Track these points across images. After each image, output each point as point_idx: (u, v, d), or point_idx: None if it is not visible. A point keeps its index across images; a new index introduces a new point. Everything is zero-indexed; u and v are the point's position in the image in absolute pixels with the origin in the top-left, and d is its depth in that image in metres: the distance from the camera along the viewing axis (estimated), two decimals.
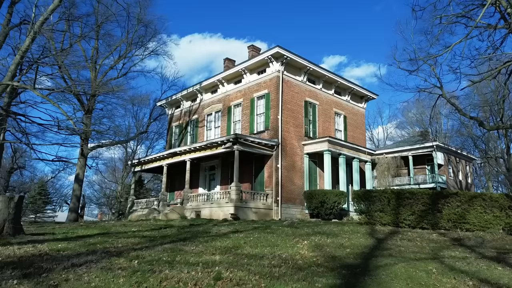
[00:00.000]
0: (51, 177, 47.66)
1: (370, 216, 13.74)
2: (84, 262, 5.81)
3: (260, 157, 22.69)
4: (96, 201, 54.97)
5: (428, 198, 12.52)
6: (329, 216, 20.72)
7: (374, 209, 13.64)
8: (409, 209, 12.85)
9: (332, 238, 9.47)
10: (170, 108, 32.88)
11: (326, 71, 25.59)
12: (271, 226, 12.74)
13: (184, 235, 9.71)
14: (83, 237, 9.36)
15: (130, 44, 33.32)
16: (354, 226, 13.25)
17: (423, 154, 35.20)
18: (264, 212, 20.75)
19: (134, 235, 9.90)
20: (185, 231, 10.82)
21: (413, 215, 12.78)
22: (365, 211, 14.00)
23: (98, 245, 7.52)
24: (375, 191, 13.93)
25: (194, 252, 6.94)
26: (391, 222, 13.20)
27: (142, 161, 28.16)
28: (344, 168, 23.40)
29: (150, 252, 6.88)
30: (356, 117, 28.95)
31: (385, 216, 13.35)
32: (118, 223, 16.77)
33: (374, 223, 13.59)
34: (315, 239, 9.18)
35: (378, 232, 11.35)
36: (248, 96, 24.84)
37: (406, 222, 12.93)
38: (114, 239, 8.71)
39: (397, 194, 13.18)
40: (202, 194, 22.49)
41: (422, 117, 54.90)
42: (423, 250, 8.14)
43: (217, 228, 11.71)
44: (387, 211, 13.28)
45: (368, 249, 8.16)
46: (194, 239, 8.94)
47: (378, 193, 13.56)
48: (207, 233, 10.27)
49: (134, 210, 27.77)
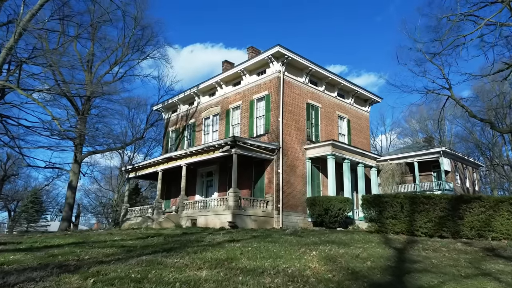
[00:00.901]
0: (45, 185, 46.30)
1: (381, 224, 12.44)
2: (23, 280, 4.53)
3: (260, 162, 21.43)
4: (92, 210, 53.45)
5: (447, 203, 11.25)
6: (333, 224, 19.38)
7: (385, 216, 12.34)
8: (425, 215, 11.56)
9: (344, 248, 8.18)
10: (167, 112, 31.72)
11: (329, 72, 24.48)
12: (272, 235, 11.45)
13: (171, 245, 8.43)
14: (50, 247, 8.09)
15: (127, 48, 32.35)
16: (364, 234, 11.95)
17: (429, 160, 33.92)
18: (264, 220, 19.42)
19: (113, 245, 8.62)
20: (174, 240, 9.54)
21: (430, 222, 11.49)
22: (376, 218, 12.71)
23: (59, 257, 6.26)
24: (386, 196, 12.65)
25: (175, 266, 5.65)
26: (405, 230, 11.90)
27: (136, 167, 26.88)
28: (348, 174, 22.11)
29: (119, 266, 5.61)
30: (360, 121, 27.76)
31: (398, 223, 12.05)
32: (106, 231, 15.47)
33: (386, 231, 12.28)
34: (325, 249, 7.89)
35: (394, 241, 10.05)
36: (247, 98, 23.67)
37: (422, 230, 11.63)
38: (85, 250, 7.44)
39: (411, 199, 11.89)
40: (198, 201, 21.17)
41: (426, 124, 53.82)
42: (459, 263, 6.86)
43: (211, 237, 10.42)
44: (400, 218, 11.98)
45: (392, 261, 6.86)
46: (181, 249, 7.66)
47: (390, 198, 12.28)
48: (198, 242, 8.99)
49: (127, 219, 26.41)
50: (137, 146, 48.84)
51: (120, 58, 32.95)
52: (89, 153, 33.48)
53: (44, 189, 48.79)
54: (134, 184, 46.26)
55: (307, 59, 22.89)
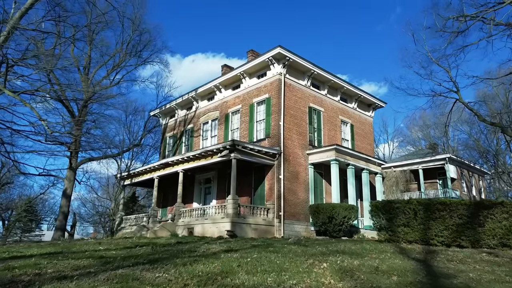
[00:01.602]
0: (40, 194, 45.22)
1: (392, 232, 11.44)
2: None
3: (260, 168, 20.47)
4: (88, 220, 52.25)
5: (465, 210, 10.27)
6: (338, 233, 18.34)
7: (396, 224, 11.34)
8: (442, 223, 10.57)
9: (358, 259, 7.20)
10: (164, 117, 30.85)
11: (332, 75, 23.64)
12: (274, 244, 10.45)
13: (158, 256, 7.46)
14: (17, 258, 7.12)
15: (125, 54, 31.65)
16: (373, 244, 10.94)
17: (434, 167, 32.97)
18: (264, 228, 18.37)
19: (91, 256, 7.65)
20: (163, 250, 8.55)
21: (446, 231, 10.49)
22: (386, 226, 11.70)
23: (15, 271, 5.32)
24: (398, 201, 11.67)
25: (154, 283, 4.70)
26: (418, 239, 10.89)
27: (132, 174, 25.90)
28: (353, 180, 21.12)
29: (83, 282, 4.67)
30: (363, 126, 26.85)
31: (411, 231, 11.06)
32: (95, 241, 14.45)
33: (397, 240, 11.27)
34: (336, 260, 6.91)
35: (410, 251, 9.06)
36: (247, 102, 22.81)
37: (438, 239, 10.63)
38: (55, 262, 6.48)
39: (425, 205, 10.91)
40: (195, 209, 20.15)
41: (428, 132, 52.94)
42: (501, 277, 5.85)
43: (207, 247, 9.43)
44: (414, 226, 10.99)
45: (422, 275, 5.85)
46: (169, 261, 6.69)
47: (402, 204, 11.30)
48: (191, 253, 8.00)
49: (122, 228, 25.35)
50: (135, 153, 47.87)
51: (117, 64, 32.25)
52: (84, 160, 32.54)
53: (40, 197, 47.69)
54: (131, 193, 45.19)
55: (309, 61, 22.09)
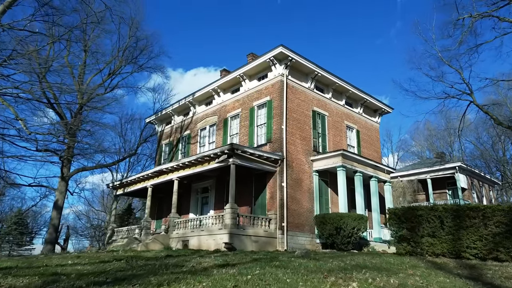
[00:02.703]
0: (32, 205, 43.53)
1: (414, 244, 9.90)
2: None
3: (261, 175, 18.97)
4: (82, 233, 50.35)
5: (503, 216, 8.78)
6: (346, 246, 16.73)
7: (420, 234, 9.81)
8: (475, 232, 9.06)
9: (392, 276, 5.69)
10: (161, 124, 29.46)
11: (337, 77, 22.33)
12: (279, 258, 8.91)
13: (131, 272, 5.98)
14: None
15: (121, 60, 30.45)
16: (397, 258, 9.39)
17: (444, 176, 31.42)
18: (266, 240, 16.77)
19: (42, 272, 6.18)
20: (142, 265, 7.06)
21: (480, 241, 8.98)
22: (407, 237, 10.14)
23: None
24: (421, 208, 10.16)
25: None
26: (447, 252, 9.36)
27: (124, 183, 24.36)
28: (361, 189, 19.60)
29: None
30: (370, 133, 25.43)
31: (438, 243, 9.52)
32: (75, 254, 12.87)
33: (421, 253, 9.73)
34: (365, 278, 5.40)
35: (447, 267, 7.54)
36: (247, 106, 21.44)
37: (471, 251, 9.09)
38: None
39: (454, 211, 9.41)
40: (190, 220, 18.55)
41: (433, 142, 51.54)
42: None
43: (198, 261, 7.92)
44: (441, 236, 9.47)
45: None
46: (141, 279, 5.20)
47: (425, 211, 9.80)
48: (176, 268, 6.50)
49: (113, 240, 23.70)
50: (131, 164, 46.42)
51: (113, 71, 31.03)
52: (77, 170, 30.98)
53: (33, 210, 45.97)
54: (126, 205, 43.58)
55: (313, 62, 20.81)
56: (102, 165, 32.42)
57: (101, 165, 32.22)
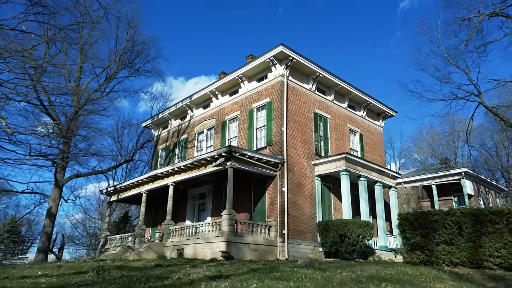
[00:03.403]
0: (26, 213, 42.43)
1: (429, 252, 8.96)
2: None
3: (260, 180, 18.05)
4: (78, 241, 49.18)
5: None
6: (351, 254, 15.74)
7: (435, 241, 8.87)
8: (498, 239, 8.14)
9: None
10: (157, 129, 28.61)
11: (339, 79, 21.53)
12: (280, 268, 7.97)
13: (100, 286, 5.04)
14: None
15: (118, 65, 29.72)
16: (410, 267, 8.44)
17: (449, 183, 30.44)
18: (265, 249, 15.78)
19: None
20: (117, 278, 6.13)
21: (505, 249, 8.04)
22: (421, 244, 9.20)
23: None
24: (435, 213, 9.24)
25: None
26: (466, 261, 8.42)
27: (118, 189, 23.41)
28: (365, 194, 18.65)
29: None
30: (373, 137, 24.56)
31: (456, 251, 8.59)
32: (52, 265, 11.87)
33: (437, 262, 8.79)
34: None
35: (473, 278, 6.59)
36: (246, 108, 20.60)
37: (494, 260, 8.16)
38: None
39: (473, 216, 8.50)
40: (186, 227, 17.58)
41: (436, 147, 50.65)
42: None
43: (187, 271, 6.99)
44: (459, 244, 8.54)
45: None
46: None
47: (441, 216, 8.89)
48: (158, 281, 5.59)
49: (106, 249, 22.67)
50: (128, 171, 45.47)
51: (110, 76, 30.27)
52: (71, 176, 30.03)
53: (26, 218, 44.85)
54: (123, 213, 42.55)
55: (314, 62, 20.03)
56: (97, 171, 31.51)
57: (96, 171, 31.31)
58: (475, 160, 47.38)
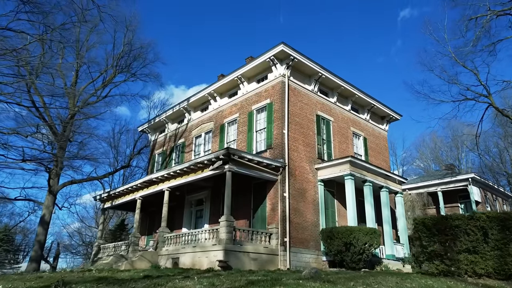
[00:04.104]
0: (20, 221, 41.33)
1: (450, 262, 8.01)
2: None
3: (260, 184, 17.12)
4: (73, 250, 47.97)
5: None
6: (357, 264, 14.74)
7: (456, 249, 7.92)
8: None
9: None
10: (154, 133, 27.72)
11: (342, 80, 20.71)
12: (282, 279, 7.04)
13: None
14: None
15: (115, 70, 28.96)
16: (431, 279, 7.51)
17: (455, 189, 29.48)
18: (266, 258, 14.77)
19: None
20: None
21: None
22: (440, 252, 8.25)
23: None
24: (457, 217, 8.30)
25: None
26: (492, 271, 7.48)
27: (112, 195, 22.43)
28: (371, 200, 17.69)
29: None
30: (377, 141, 23.66)
31: (481, 261, 7.66)
32: (31, 276, 10.88)
33: (459, 273, 7.84)
34: None
35: None
36: (245, 110, 19.75)
37: None
38: None
39: (501, 221, 7.58)
40: (181, 235, 16.58)
41: (440, 153, 49.75)
42: None
43: (175, 285, 6.04)
44: (484, 252, 7.61)
45: None
46: None
47: (463, 220, 7.97)
48: None
49: (99, 258, 21.61)
50: (126, 178, 44.46)
51: (107, 81, 29.49)
52: (66, 183, 29.02)
53: (20, 226, 43.70)
54: (119, 220, 41.48)
55: (317, 62, 19.23)
56: (92, 177, 30.50)
57: (91, 177, 30.30)
58: (479, 166, 46.46)
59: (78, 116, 25.98)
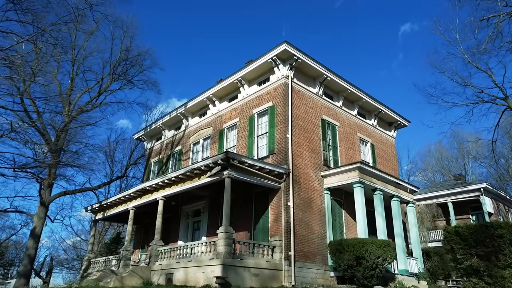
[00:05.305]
0: (11, 235, 39.74)
1: (491, 279, 6.65)
2: None
3: (263, 193, 15.79)
4: (66, 265, 46.20)
5: None
6: (370, 280, 13.33)
7: (501, 264, 6.58)
8: None
9: None
10: (150, 141, 26.48)
11: (349, 83, 19.57)
12: None
13: None
14: None
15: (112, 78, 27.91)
16: None
17: (466, 200, 28.10)
18: (268, 274, 13.35)
19: None
20: None
21: None
22: (479, 268, 6.91)
23: None
24: (500, 225, 6.96)
25: None
26: None
27: (104, 205, 21.06)
28: (382, 210, 16.34)
29: None
30: (385, 148, 22.40)
31: None
32: None
33: None
34: None
35: None
36: (245, 114, 18.55)
37: None
38: None
39: None
40: (176, 248, 15.17)
41: (445, 164, 48.39)
42: None
43: None
44: None
45: None
46: None
47: (508, 229, 6.63)
48: None
49: (89, 274, 20.12)
50: (122, 189, 43.01)
51: (104, 89, 28.42)
52: (58, 194, 27.62)
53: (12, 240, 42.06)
54: (115, 233, 39.90)
55: (322, 64, 18.13)
56: (85, 188, 29.08)
57: (85, 188, 28.88)
58: (486, 177, 45.05)
59: (73, 124, 24.82)
